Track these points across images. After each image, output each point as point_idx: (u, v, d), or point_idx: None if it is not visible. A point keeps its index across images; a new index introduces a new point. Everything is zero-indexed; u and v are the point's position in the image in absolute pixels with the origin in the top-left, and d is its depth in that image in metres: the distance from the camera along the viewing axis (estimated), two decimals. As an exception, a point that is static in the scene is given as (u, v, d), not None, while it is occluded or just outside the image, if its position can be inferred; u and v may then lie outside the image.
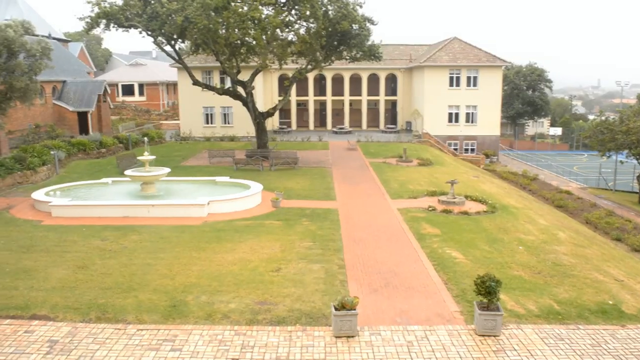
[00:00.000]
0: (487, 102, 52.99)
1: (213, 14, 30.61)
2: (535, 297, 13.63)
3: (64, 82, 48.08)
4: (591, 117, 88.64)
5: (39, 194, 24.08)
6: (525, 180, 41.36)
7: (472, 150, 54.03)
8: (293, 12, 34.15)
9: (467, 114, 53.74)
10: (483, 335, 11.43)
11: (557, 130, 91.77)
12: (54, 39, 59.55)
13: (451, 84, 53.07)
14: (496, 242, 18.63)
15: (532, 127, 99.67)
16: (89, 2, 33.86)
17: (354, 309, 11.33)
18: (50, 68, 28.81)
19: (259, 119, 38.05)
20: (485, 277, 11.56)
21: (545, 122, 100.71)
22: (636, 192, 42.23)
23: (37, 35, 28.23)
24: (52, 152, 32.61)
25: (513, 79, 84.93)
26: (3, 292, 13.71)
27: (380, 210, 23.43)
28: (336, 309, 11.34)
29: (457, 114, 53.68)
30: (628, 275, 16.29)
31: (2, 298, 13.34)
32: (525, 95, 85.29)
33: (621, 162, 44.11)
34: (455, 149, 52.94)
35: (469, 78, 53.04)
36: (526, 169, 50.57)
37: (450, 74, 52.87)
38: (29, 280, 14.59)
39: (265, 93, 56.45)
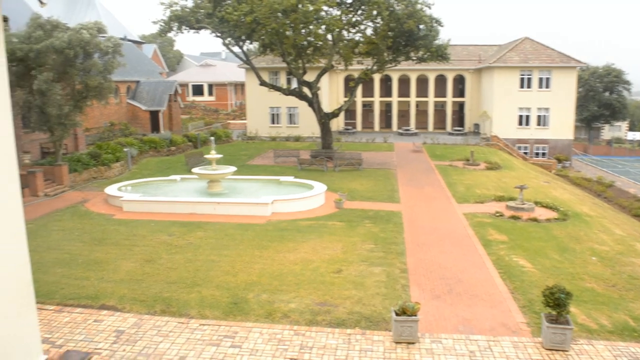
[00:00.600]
0: (560, 104, 50.87)
1: (281, 15, 30.95)
2: (609, 312, 12.87)
3: (138, 82, 49.97)
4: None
5: (111, 189, 25.10)
6: (600, 187, 39.38)
7: (544, 154, 52.01)
8: (359, 12, 34.02)
9: (539, 116, 51.80)
10: (551, 349, 10.89)
11: (637, 135, 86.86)
12: (129, 40, 62.07)
13: (522, 86, 51.31)
14: (567, 251, 17.78)
15: (608, 131, 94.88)
16: (162, 4, 35.07)
17: (415, 315, 11.08)
18: (122, 66, 29.94)
19: (324, 119, 38.15)
20: (555, 288, 11.01)
21: (623, 126, 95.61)
22: None
23: (111, 36, 29.37)
24: (125, 149, 33.96)
25: (588, 80, 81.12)
26: (76, 282, 14.35)
27: (445, 214, 22.92)
28: (397, 314, 11.13)
29: (527, 117, 51.86)
30: None
31: (74, 287, 13.97)
32: (601, 97, 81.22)
33: None
34: (525, 153, 51.12)
35: (540, 79, 51.12)
36: (601, 175, 48.15)
37: (521, 75, 51.14)
38: (100, 271, 15.20)
39: (331, 94, 56.57)
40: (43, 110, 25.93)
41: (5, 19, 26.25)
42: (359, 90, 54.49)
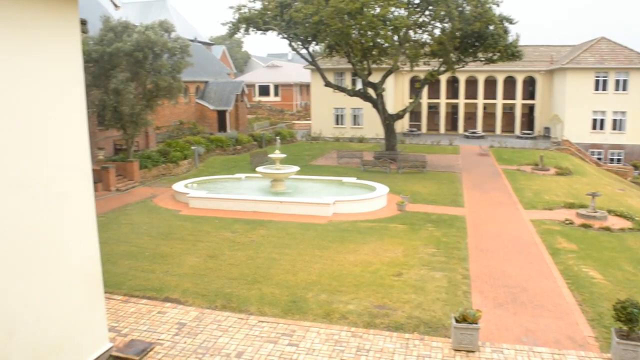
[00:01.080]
0: (638, 107, 48.20)
1: (346, 17, 30.98)
2: (688, 329, 12.08)
3: (207, 82, 51.34)
4: None
5: (179, 186, 25.90)
6: (682, 196, 37.10)
7: (619, 160, 49.50)
8: (427, 12, 33.56)
9: (614, 120, 49.34)
10: (622, 365, 10.35)
11: None
12: (199, 42, 63.93)
13: (597, 88, 49.03)
14: (642, 263, 16.85)
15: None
16: (230, 8, 35.90)
17: (476, 323, 10.80)
18: (191, 66, 30.85)
19: (388, 120, 37.88)
20: (627, 302, 10.44)
21: None
22: None
23: (179, 36, 30.30)
24: (192, 147, 34.96)
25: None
26: (142, 275, 14.90)
27: (511, 220, 22.23)
28: (457, 321, 10.89)
29: (602, 121, 49.52)
30: None
31: (141, 280, 14.50)
32: (685, 101, 76.58)
33: None
34: (599, 159, 48.81)
35: (617, 81, 48.67)
36: (683, 184, 45.35)
37: (596, 76, 48.87)
38: (165, 265, 15.71)
39: (396, 95, 56.11)
40: (117, 109, 27.08)
41: (84, 22, 27.60)
42: (425, 92, 53.70)
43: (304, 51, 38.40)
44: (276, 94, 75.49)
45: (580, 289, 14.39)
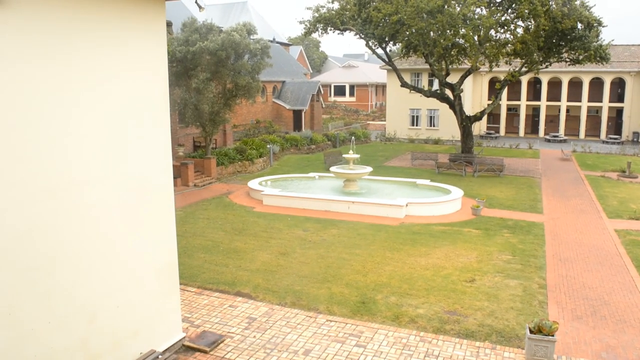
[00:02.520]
0: None
1: (426, 16, 30.55)
2: None
3: (283, 82, 52.19)
4: None
5: (253, 183, 26.47)
6: None
7: None
8: (509, 11, 32.52)
9: None
10: None
11: None
12: (277, 42, 65.03)
13: (695, 91, 45.78)
14: None
15: None
16: (309, 9, 36.30)
17: (553, 335, 10.35)
18: (269, 66, 31.45)
19: (465, 122, 37.03)
20: None
21: None
22: None
23: (261, 38, 30.98)
24: (268, 146, 35.65)
25: None
26: (216, 268, 15.35)
27: (594, 229, 21.15)
28: (531, 332, 10.48)
29: (700, 126, 46.16)
30: None
31: (214, 273, 14.94)
32: None
33: None
34: (695, 167, 45.59)
35: None
36: None
37: (695, 79, 45.66)
38: (238, 260, 16.10)
39: (474, 96, 54.76)
40: (197, 107, 28.03)
41: (169, 24, 28.78)
42: (505, 93, 52.10)
43: (380, 51, 38.21)
44: (351, 94, 75.58)
45: (668, 305, 13.50)
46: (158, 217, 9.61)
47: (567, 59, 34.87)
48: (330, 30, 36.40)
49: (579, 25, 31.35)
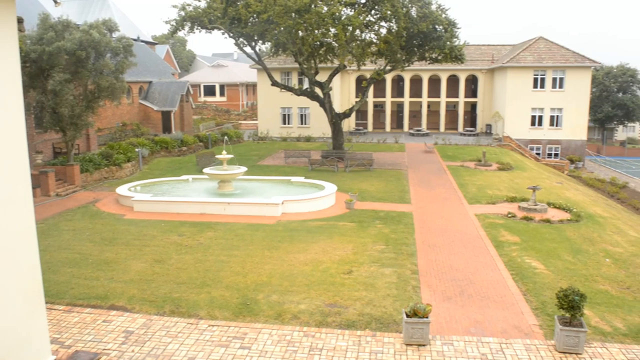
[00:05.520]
0: (573, 104, 50.36)
1: (294, 15, 30.90)
2: (623, 314, 12.66)
3: (150, 82, 50.18)
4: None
5: (122, 189, 25.17)
6: (614, 188, 38.88)
7: (556, 155, 51.50)
8: (373, 12, 33.89)
9: (552, 117, 51.29)
10: (564, 352, 10.72)
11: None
12: (142, 41, 62.41)
13: (535, 86, 50.84)
14: (580, 253, 17.55)
15: (622, 132, 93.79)
16: (174, 7, 35.18)
17: (427, 317, 10.96)
18: (134, 66, 30.09)
19: (335, 119, 38.04)
20: (569, 291, 10.83)
21: (637, 126, 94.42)
22: None
23: (123, 36, 29.48)
24: (136, 150, 34.09)
25: (602, 80, 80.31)
26: (86, 282, 14.37)
27: (457, 215, 22.73)
28: (408, 316, 11.02)
29: (540, 117, 51.36)
30: None
31: (84, 288, 13.98)
32: (615, 97, 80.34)
33: None
34: (538, 154, 50.66)
35: (554, 79, 50.62)
36: (615, 177, 47.51)
37: (534, 75, 50.68)
38: (110, 271, 15.21)
39: (343, 94, 56.46)
40: (55, 110, 26.07)
41: (20, 20, 26.46)
42: (371, 91, 54.27)
43: (250, 50, 38.06)
44: (222, 94, 74.56)
45: (524, 279, 14.85)
46: (16, 231, 8.75)
47: (427, 58, 37.11)
48: (198, 29, 35.59)
49: (437, 27, 33.48)
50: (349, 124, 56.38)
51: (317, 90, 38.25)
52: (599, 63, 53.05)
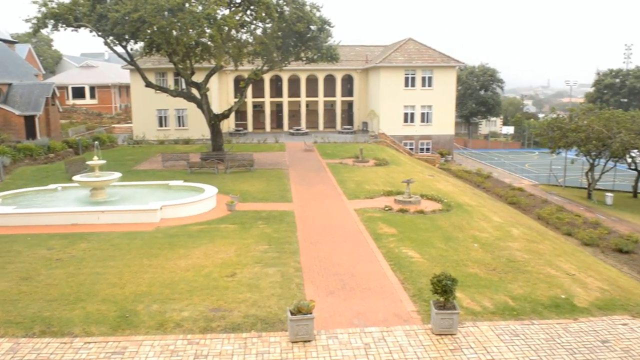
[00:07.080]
0: (441, 102, 53.74)
1: (167, 14, 29.98)
2: (491, 294, 13.72)
3: (10, 85, 46.23)
4: (541, 115, 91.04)
5: (-19, 202, 22.96)
6: (479, 179, 42.04)
7: (428, 149, 54.66)
8: (248, 12, 33.76)
9: (423, 114, 54.35)
10: (440, 334, 11.39)
11: (509, 129, 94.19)
12: (0, 40, 57.35)
13: (406, 85, 53.58)
14: (451, 240, 18.75)
15: (485, 126, 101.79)
16: (34, 3, 32.66)
17: (310, 313, 11.12)
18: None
19: (214, 121, 37.47)
20: (442, 276, 11.52)
21: (498, 121, 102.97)
22: (585, 188, 43.49)
23: None
24: (-4, 158, 31.27)
25: (466, 79, 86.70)
26: (-62, 308, 12.92)
27: (337, 211, 23.32)
28: (292, 314, 11.11)
29: (412, 114, 54.22)
30: (579, 269, 16.62)
31: (-63, 314, 12.56)
32: (478, 95, 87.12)
33: (572, 161, 45.06)
34: (411, 149, 53.44)
35: (424, 78, 53.65)
36: (480, 167, 51.44)
37: (405, 74, 53.35)
38: (-32, 293, 13.80)
39: (221, 95, 55.73)
40: None
41: None
42: (249, 91, 54.20)
43: (121, 50, 36.31)
44: (92, 96, 70.52)
45: (401, 268, 15.57)
46: None
47: (304, 58, 37.68)
48: (62, 27, 33.31)
49: (312, 27, 34.08)
50: (228, 125, 55.83)
51: (194, 91, 37.47)
52: (462, 63, 57.04)
